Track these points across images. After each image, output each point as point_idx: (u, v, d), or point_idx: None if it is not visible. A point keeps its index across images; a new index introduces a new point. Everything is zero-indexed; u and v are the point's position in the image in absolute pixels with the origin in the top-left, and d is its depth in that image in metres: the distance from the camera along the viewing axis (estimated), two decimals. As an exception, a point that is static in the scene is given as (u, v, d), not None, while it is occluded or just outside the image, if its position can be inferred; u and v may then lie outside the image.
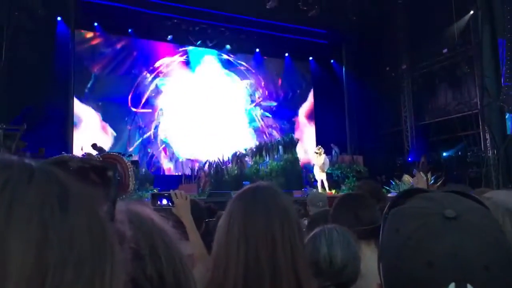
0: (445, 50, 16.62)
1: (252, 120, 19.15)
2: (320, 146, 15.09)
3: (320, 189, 13.67)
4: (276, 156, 16.67)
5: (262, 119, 19.25)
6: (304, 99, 20.37)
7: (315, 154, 14.75)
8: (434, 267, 0.65)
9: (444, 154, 16.96)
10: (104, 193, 0.52)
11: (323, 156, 14.70)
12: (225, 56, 18.95)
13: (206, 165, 15.92)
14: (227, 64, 19.03)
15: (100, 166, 0.54)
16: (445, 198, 0.73)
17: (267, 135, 18.34)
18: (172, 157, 16.96)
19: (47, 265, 0.40)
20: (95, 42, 16.35)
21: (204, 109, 17.95)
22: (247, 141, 17.86)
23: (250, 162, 16.37)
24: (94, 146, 11.93)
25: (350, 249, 1.71)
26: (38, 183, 0.44)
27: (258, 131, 18.85)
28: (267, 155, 16.79)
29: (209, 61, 18.74)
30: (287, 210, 1.37)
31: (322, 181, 14.47)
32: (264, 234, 1.29)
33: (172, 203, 2.46)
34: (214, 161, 16.02)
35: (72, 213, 0.44)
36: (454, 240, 0.66)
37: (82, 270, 0.42)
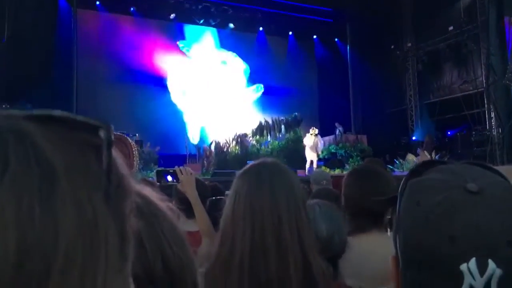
0: (450, 28, 16.42)
1: (254, 100, 19.08)
2: (314, 127, 15.00)
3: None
4: (279, 136, 16.64)
5: (264, 98, 19.17)
6: (308, 78, 20.23)
7: (309, 135, 14.66)
8: (456, 242, 0.64)
9: (449, 133, 16.90)
10: (96, 162, 0.41)
11: (317, 138, 14.57)
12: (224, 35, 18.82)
13: (210, 145, 15.94)
14: (228, 43, 18.88)
15: (91, 124, 0.42)
16: (467, 171, 0.71)
17: (270, 114, 18.25)
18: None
19: (26, 277, 0.34)
20: (96, 21, 16.23)
21: (206, 89, 17.89)
22: (249, 121, 17.83)
23: (252, 142, 16.37)
24: None
25: (333, 222, 1.71)
26: (12, 174, 0.35)
27: (260, 111, 18.77)
28: (269, 135, 16.76)
29: (208, 40, 18.62)
30: (292, 186, 1.37)
31: (311, 162, 14.43)
32: (270, 210, 1.29)
33: (177, 179, 2.46)
34: (217, 141, 16.03)
35: (58, 206, 0.36)
36: (477, 215, 0.65)
37: (69, 277, 0.35)
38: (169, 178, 2.54)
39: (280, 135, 16.67)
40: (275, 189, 1.33)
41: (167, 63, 17.53)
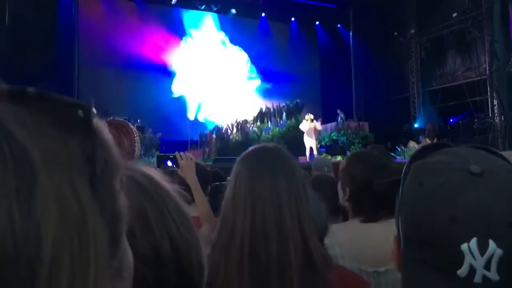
0: (454, 15, 16.28)
1: (256, 86, 19.03)
2: (309, 113, 14.97)
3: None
4: (280, 122, 16.62)
5: (266, 85, 19.11)
6: (310, 64, 20.13)
7: (305, 121, 14.63)
8: (457, 222, 0.65)
9: (451, 120, 16.86)
10: (77, 146, 0.37)
11: (314, 123, 14.54)
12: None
13: (212, 132, 15.96)
14: (229, 28, 18.79)
15: (69, 103, 0.37)
16: (470, 154, 0.73)
17: (272, 101, 18.19)
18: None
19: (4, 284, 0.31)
20: (98, 6, 16.12)
21: (207, 75, 17.86)
22: (251, 108, 17.81)
23: (254, 128, 16.37)
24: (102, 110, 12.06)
25: (313, 203, 1.70)
26: None
27: (262, 97, 18.72)
28: (269, 121, 16.75)
29: (210, 26, 18.52)
30: (293, 170, 1.37)
31: (311, 148, 14.40)
32: (270, 194, 1.29)
33: (177, 165, 2.47)
34: (219, 127, 16.05)
35: (39, 206, 0.32)
36: (479, 196, 0.65)
37: (57, 282, 0.32)
38: (169, 163, 2.55)
39: (282, 122, 16.64)
40: (276, 173, 1.33)
41: (169, 49, 17.45)
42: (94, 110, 0.39)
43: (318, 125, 14.55)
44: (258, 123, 16.68)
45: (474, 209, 0.65)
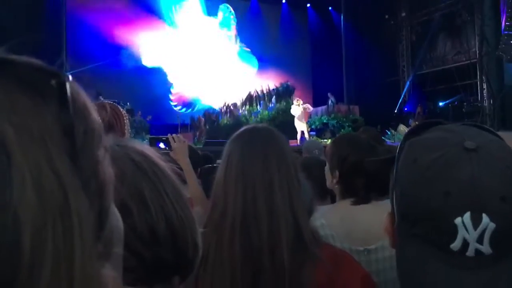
0: (445, -3, 16.29)
1: (246, 69, 18.94)
2: (298, 98, 15.00)
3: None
4: (271, 105, 16.60)
5: (256, 68, 19.03)
6: (301, 47, 20.05)
7: (295, 105, 14.68)
8: (450, 196, 0.66)
9: (441, 104, 16.96)
10: (53, 117, 0.33)
11: (302, 107, 14.62)
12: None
13: (202, 115, 15.93)
14: (218, 11, 18.61)
15: (42, 70, 0.34)
16: (465, 130, 0.74)
17: (262, 84, 18.13)
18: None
19: None
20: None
21: (196, 58, 17.73)
22: (241, 91, 17.76)
23: (244, 112, 16.36)
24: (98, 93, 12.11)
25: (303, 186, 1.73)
26: None
27: (252, 80, 18.64)
28: (258, 104, 16.72)
29: (198, 8, 18.33)
30: (284, 151, 1.37)
31: (302, 132, 14.43)
32: (262, 174, 1.30)
33: (170, 147, 2.46)
34: (208, 111, 16.03)
35: (15, 190, 0.30)
36: (473, 170, 0.66)
37: (40, 272, 0.30)
38: (162, 145, 2.55)
39: (272, 105, 16.63)
40: (267, 154, 1.33)
41: (157, 34, 17.27)
42: (69, 76, 0.36)
43: (308, 107, 14.63)
44: (248, 107, 16.65)
45: (468, 184, 0.66)
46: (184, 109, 17.29)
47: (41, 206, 0.31)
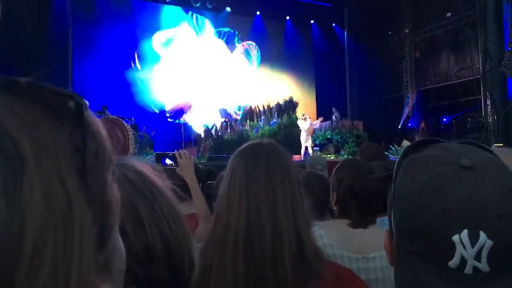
0: (448, 14, 16.36)
1: (250, 85, 19.00)
2: (304, 113, 15.06)
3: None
4: (274, 121, 16.62)
5: (260, 83, 19.09)
6: (305, 63, 20.14)
7: (301, 120, 14.73)
8: (448, 214, 0.66)
9: (444, 119, 16.95)
10: (68, 137, 0.37)
11: (308, 121, 14.67)
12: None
13: (205, 130, 15.97)
14: (224, 26, 18.75)
15: (60, 93, 0.38)
16: (461, 148, 0.74)
17: (266, 99, 18.15)
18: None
19: None
20: (92, 3, 16.03)
21: (201, 73, 17.82)
22: (244, 106, 17.85)
23: (246, 127, 16.38)
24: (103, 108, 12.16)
25: None
26: None
27: (256, 95, 18.67)
28: (259, 120, 16.74)
29: (204, 24, 18.50)
30: (288, 166, 1.38)
31: (306, 147, 14.43)
32: (265, 189, 1.31)
33: (176, 163, 2.47)
34: (210, 126, 16.07)
35: (25, 197, 0.33)
36: (470, 188, 0.67)
37: (37, 273, 0.32)
38: (168, 161, 2.56)
39: (274, 120, 16.65)
40: (270, 169, 1.34)
41: (164, 46, 17.40)
42: (86, 101, 0.40)
43: (317, 122, 14.70)
44: (249, 121, 16.67)
45: (465, 202, 0.66)
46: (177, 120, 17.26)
47: (46, 212, 0.33)
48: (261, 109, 17.27)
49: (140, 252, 0.75)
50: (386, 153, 13.60)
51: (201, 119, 16.92)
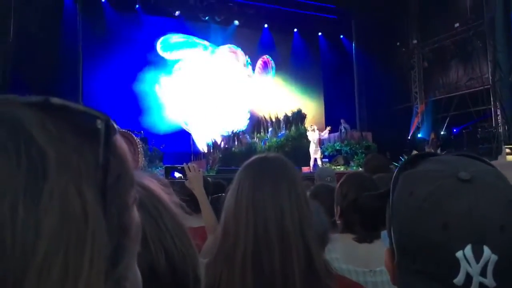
0: (456, 25, 16.35)
1: (259, 97, 19.06)
2: (312, 124, 15.06)
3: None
4: (282, 132, 16.62)
5: (268, 95, 19.13)
6: (313, 75, 20.17)
7: (310, 131, 14.72)
8: (449, 229, 0.65)
9: (455, 130, 16.84)
10: (92, 154, 0.39)
11: (317, 132, 14.65)
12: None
13: (215, 142, 16.00)
14: (231, 39, 18.86)
15: (89, 113, 0.40)
16: (458, 161, 0.73)
17: (274, 111, 18.16)
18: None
19: (1, 275, 0.33)
20: (102, 18, 16.23)
21: (209, 86, 17.92)
22: (253, 118, 17.90)
23: (254, 139, 16.39)
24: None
25: (314, 212, 1.76)
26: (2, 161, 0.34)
27: (264, 107, 18.69)
28: (267, 132, 16.74)
29: (213, 36, 18.64)
30: (294, 180, 1.38)
31: (315, 159, 14.38)
32: (272, 204, 1.30)
33: (185, 176, 2.48)
34: (217, 139, 16.11)
35: (43, 201, 0.35)
36: (469, 201, 0.65)
37: (48, 276, 0.34)
38: (177, 174, 2.57)
39: (282, 132, 16.65)
40: (277, 183, 1.34)
41: (172, 60, 17.55)
42: (115, 125, 0.42)
43: (325, 132, 14.69)
44: (257, 133, 16.68)
45: (466, 215, 0.65)
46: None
47: (62, 219, 0.35)
48: (269, 120, 17.29)
49: (144, 270, 0.75)
50: (396, 164, 13.56)
51: (209, 132, 16.97)
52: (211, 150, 15.64)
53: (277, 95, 18.88)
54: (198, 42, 18.25)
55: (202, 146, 16.31)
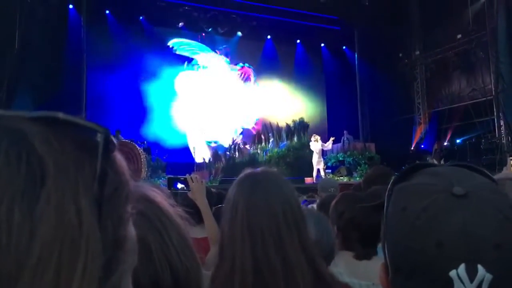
0: (459, 36, 16.39)
1: (261, 108, 19.08)
2: (315, 134, 15.06)
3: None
4: (284, 142, 16.59)
5: (271, 106, 19.15)
6: (316, 86, 20.20)
7: (313, 142, 14.70)
8: (443, 247, 0.63)
9: (458, 141, 16.80)
10: (90, 166, 0.40)
11: (320, 142, 14.62)
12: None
13: (217, 153, 16.01)
14: (234, 50, 18.96)
15: (89, 127, 0.41)
16: (453, 174, 0.70)
17: (275, 121, 18.14)
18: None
19: None
20: (106, 30, 16.34)
21: (211, 95, 17.98)
22: (256, 128, 17.91)
23: (255, 150, 16.37)
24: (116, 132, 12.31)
25: (321, 225, 1.77)
26: (4, 164, 0.36)
27: (267, 118, 18.68)
28: (268, 142, 16.73)
29: (215, 48, 18.73)
30: (288, 198, 1.35)
31: (318, 170, 14.32)
32: (269, 227, 1.27)
33: (188, 187, 2.48)
34: (219, 150, 16.13)
35: (39, 207, 0.36)
36: (464, 219, 0.63)
37: (41, 280, 0.35)
38: (179, 185, 2.57)
39: (284, 142, 16.63)
40: (270, 203, 1.31)
41: (174, 72, 17.63)
42: (115, 140, 0.43)
43: (329, 143, 14.67)
44: (258, 144, 16.67)
45: (460, 234, 0.63)
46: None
47: (57, 225, 0.36)
48: (271, 130, 17.29)
49: (148, 285, 0.75)
50: (397, 174, 13.50)
51: (211, 142, 17.01)
52: (214, 161, 15.63)
53: (280, 105, 18.89)
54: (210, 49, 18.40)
55: (203, 156, 16.28)
